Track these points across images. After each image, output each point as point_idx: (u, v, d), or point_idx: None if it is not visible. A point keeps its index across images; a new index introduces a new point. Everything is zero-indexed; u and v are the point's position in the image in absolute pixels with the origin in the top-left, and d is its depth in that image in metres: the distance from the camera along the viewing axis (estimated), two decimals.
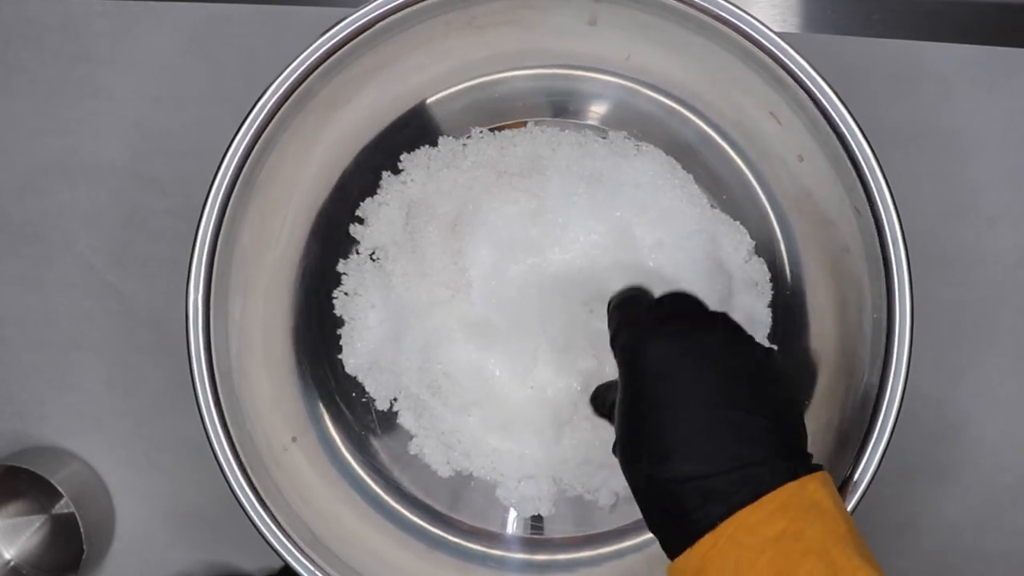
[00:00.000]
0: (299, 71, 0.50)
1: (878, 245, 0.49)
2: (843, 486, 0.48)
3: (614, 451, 0.44)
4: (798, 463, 0.41)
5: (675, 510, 0.40)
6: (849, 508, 0.47)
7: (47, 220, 0.63)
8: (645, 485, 0.42)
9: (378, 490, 0.58)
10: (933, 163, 0.61)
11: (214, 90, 0.62)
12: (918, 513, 0.61)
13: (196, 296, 0.50)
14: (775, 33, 0.49)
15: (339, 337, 0.58)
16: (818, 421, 0.53)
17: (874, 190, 0.48)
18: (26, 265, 0.63)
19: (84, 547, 0.59)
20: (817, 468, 0.41)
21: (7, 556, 0.63)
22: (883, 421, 0.48)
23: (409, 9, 0.50)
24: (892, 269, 0.48)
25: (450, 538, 0.58)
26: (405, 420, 0.58)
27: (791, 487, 0.40)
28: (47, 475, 0.59)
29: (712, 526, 0.39)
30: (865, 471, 0.48)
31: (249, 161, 0.50)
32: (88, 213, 0.63)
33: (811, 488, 0.40)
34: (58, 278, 0.63)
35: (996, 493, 0.61)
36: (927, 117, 0.61)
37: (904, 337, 0.48)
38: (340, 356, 0.58)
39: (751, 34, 0.49)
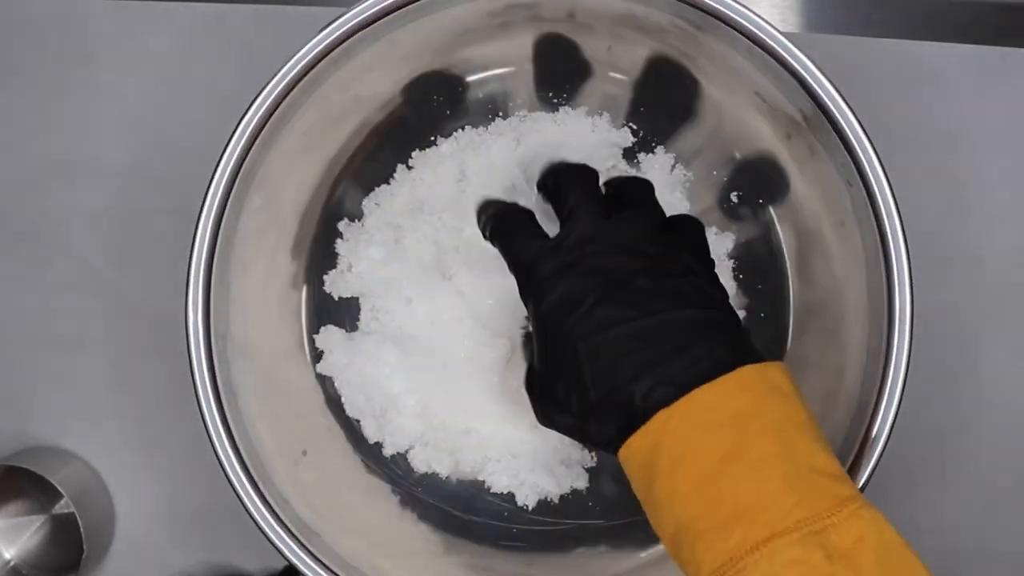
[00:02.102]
0: (299, 67, 0.50)
1: (872, 219, 0.48)
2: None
3: (529, 390, 0.44)
4: (746, 348, 0.40)
5: (627, 406, 0.39)
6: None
7: (47, 220, 0.63)
8: (596, 402, 0.41)
9: (390, 494, 0.57)
10: (933, 163, 0.61)
11: (214, 90, 0.62)
12: (918, 513, 0.61)
13: (196, 316, 0.50)
14: (744, 7, 0.48)
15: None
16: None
17: (863, 159, 0.48)
18: (26, 265, 0.63)
19: (84, 547, 0.59)
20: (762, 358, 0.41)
21: (7, 556, 0.63)
22: (884, 415, 0.47)
23: (407, 8, 0.50)
24: (888, 243, 0.48)
25: (465, 541, 0.57)
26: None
27: (750, 369, 0.39)
28: (47, 475, 0.59)
29: (667, 403, 0.38)
30: (865, 469, 0.48)
31: (250, 156, 0.50)
32: (88, 213, 0.63)
33: (772, 373, 0.39)
34: (58, 278, 0.63)
35: (996, 493, 0.61)
36: (927, 117, 0.61)
37: (905, 314, 0.48)
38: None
39: (728, 16, 0.48)
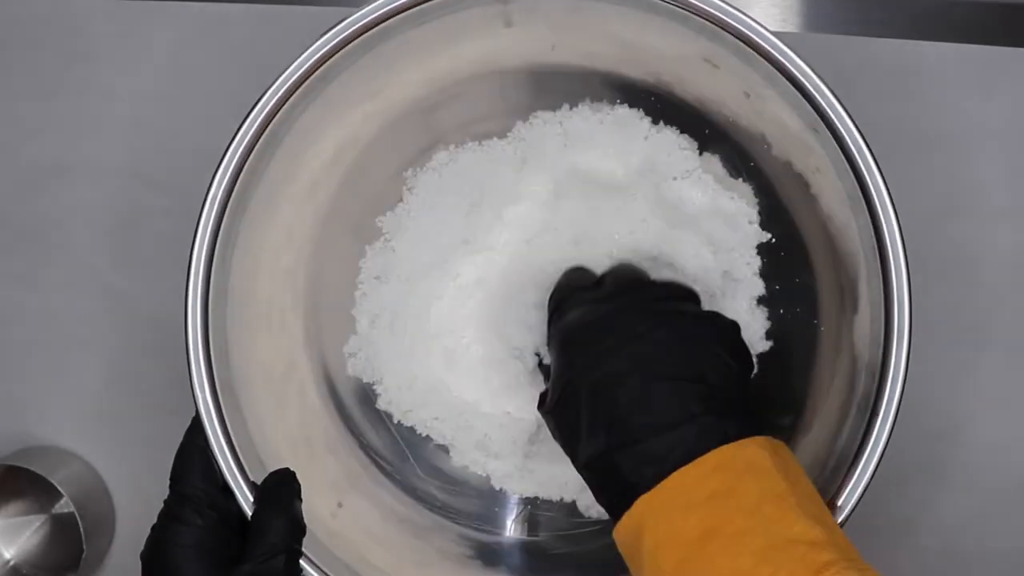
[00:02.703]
0: (304, 68, 0.49)
1: (845, 162, 0.47)
2: (839, 488, 0.47)
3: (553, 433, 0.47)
4: (735, 425, 0.42)
5: (615, 478, 0.42)
6: (848, 508, 0.46)
7: (47, 220, 0.63)
8: (587, 461, 0.43)
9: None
10: (932, 163, 0.61)
11: (214, 90, 0.62)
12: (918, 513, 0.61)
13: (196, 319, 0.49)
14: None
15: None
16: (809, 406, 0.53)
17: (823, 104, 0.47)
18: (26, 265, 0.63)
19: (84, 547, 0.59)
20: (759, 433, 0.42)
21: (7, 556, 0.63)
22: (882, 418, 0.47)
23: (408, 12, 0.50)
24: (868, 186, 0.46)
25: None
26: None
27: (726, 449, 0.40)
28: (47, 475, 0.59)
29: (648, 488, 0.40)
30: (864, 473, 0.47)
31: (251, 157, 0.50)
32: (88, 213, 0.63)
33: (749, 450, 0.41)
34: (58, 278, 0.63)
35: (996, 493, 0.61)
36: (927, 117, 0.61)
37: (900, 266, 0.46)
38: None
39: None
